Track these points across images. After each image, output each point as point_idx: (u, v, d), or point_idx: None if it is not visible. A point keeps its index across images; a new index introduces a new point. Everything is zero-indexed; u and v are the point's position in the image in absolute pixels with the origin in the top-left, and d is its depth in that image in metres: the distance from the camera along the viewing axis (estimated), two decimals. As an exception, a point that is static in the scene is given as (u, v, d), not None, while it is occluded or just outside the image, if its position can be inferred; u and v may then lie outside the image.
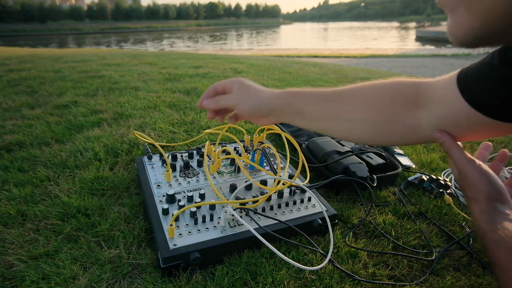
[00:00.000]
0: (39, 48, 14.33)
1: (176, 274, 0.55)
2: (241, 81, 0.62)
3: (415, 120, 0.53)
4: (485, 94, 0.45)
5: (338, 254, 0.62)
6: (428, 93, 0.52)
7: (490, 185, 0.50)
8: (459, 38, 0.32)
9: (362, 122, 0.57)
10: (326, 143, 0.94)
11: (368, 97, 0.56)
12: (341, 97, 0.58)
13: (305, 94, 0.59)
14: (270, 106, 0.59)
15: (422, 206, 0.79)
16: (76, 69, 2.24)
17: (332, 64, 3.71)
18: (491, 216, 0.48)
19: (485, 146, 0.61)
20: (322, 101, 0.58)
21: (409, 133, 0.54)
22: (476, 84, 0.46)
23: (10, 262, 0.57)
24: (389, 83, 0.57)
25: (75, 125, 1.19)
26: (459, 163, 0.52)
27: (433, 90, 0.52)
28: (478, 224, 0.49)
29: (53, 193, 0.76)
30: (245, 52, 14.01)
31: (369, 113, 0.56)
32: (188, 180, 0.76)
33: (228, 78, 0.64)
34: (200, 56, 3.45)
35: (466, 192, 0.53)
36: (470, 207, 0.52)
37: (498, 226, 0.46)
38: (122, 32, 50.81)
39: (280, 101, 0.59)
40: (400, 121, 0.54)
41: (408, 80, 0.55)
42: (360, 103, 0.56)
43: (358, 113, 0.56)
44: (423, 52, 13.15)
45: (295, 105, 0.59)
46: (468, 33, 0.31)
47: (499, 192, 0.50)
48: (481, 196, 0.50)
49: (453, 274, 0.59)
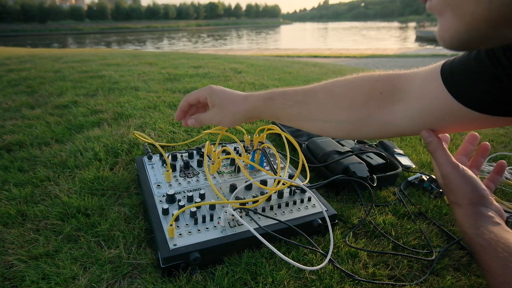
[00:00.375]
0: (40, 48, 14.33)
1: (176, 274, 0.55)
2: (213, 92, 0.64)
3: (391, 115, 0.52)
4: (475, 90, 0.44)
5: (338, 254, 0.62)
6: (405, 87, 0.52)
7: (473, 190, 0.50)
8: (446, 41, 0.33)
9: (337, 122, 0.57)
10: (326, 143, 0.94)
11: (342, 96, 0.56)
12: (315, 99, 0.58)
13: (280, 99, 0.60)
14: (248, 115, 0.62)
15: (422, 206, 0.79)
16: (76, 69, 2.24)
17: (332, 64, 3.71)
18: (475, 221, 0.48)
19: (470, 139, 0.60)
20: (296, 105, 0.59)
21: (385, 127, 0.54)
22: (464, 80, 0.45)
23: (10, 262, 0.57)
24: (363, 79, 0.56)
25: (75, 125, 1.19)
26: (443, 168, 0.51)
27: (410, 83, 0.52)
28: (464, 230, 0.49)
29: (53, 193, 0.76)
30: (245, 52, 14.01)
31: (344, 113, 0.56)
32: (188, 180, 0.76)
33: (228, 78, 0.65)
34: (200, 56, 3.45)
35: (449, 197, 0.53)
36: (454, 212, 0.52)
37: (484, 230, 0.46)
38: (122, 32, 50.84)
39: (256, 110, 0.62)
40: (375, 118, 0.54)
41: (382, 74, 0.55)
42: (334, 104, 0.56)
43: (333, 113, 0.56)
44: (423, 52, 13.14)
45: (270, 111, 0.61)
46: (454, 36, 0.31)
47: (481, 196, 0.50)
48: (464, 201, 0.50)
49: (453, 274, 0.59)
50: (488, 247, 0.44)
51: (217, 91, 0.64)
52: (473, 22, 0.29)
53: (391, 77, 0.54)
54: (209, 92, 0.64)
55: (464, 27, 0.30)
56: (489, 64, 0.42)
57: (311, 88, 0.59)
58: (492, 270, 0.43)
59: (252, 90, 1.74)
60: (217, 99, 0.63)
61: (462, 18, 0.29)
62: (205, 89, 0.65)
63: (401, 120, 0.52)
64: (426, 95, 0.49)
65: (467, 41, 0.31)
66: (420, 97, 0.50)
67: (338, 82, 0.58)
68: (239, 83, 1.92)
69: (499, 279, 0.42)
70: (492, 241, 0.44)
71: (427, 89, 0.49)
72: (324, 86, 0.58)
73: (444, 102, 0.47)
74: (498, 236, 0.45)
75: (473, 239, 0.47)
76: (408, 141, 1.18)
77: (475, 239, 0.47)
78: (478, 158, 0.59)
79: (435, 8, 0.32)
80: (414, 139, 1.20)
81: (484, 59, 0.43)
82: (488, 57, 0.42)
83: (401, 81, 0.53)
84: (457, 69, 0.46)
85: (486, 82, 0.43)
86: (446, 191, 0.53)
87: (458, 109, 0.46)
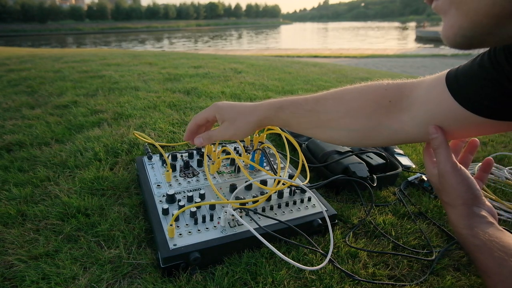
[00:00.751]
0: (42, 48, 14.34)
1: (176, 274, 0.55)
2: (222, 109, 0.64)
3: (400, 124, 0.53)
4: (479, 96, 0.45)
5: (338, 254, 0.62)
6: (412, 95, 0.52)
7: (467, 190, 0.50)
8: (451, 39, 0.33)
9: (347, 130, 0.57)
10: (326, 143, 0.94)
11: (352, 105, 0.56)
12: (325, 107, 0.58)
13: (291, 108, 0.60)
14: (260, 124, 0.62)
15: (422, 206, 0.79)
16: (76, 69, 2.24)
17: (332, 64, 3.71)
18: (469, 221, 0.48)
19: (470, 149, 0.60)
20: (307, 113, 0.59)
21: (394, 135, 0.55)
22: (468, 86, 0.46)
23: (10, 262, 0.57)
24: (373, 88, 0.56)
25: (75, 125, 1.19)
26: (442, 166, 0.52)
27: (417, 91, 0.52)
28: (458, 230, 0.50)
29: (53, 193, 0.76)
30: (245, 52, 14.01)
31: (354, 121, 0.56)
32: (188, 180, 0.76)
33: (228, 78, 0.65)
34: (200, 56, 3.45)
35: (442, 196, 0.53)
36: (447, 213, 0.53)
37: (478, 231, 0.47)
38: (122, 32, 50.84)
39: (267, 120, 0.62)
40: (385, 126, 0.54)
41: (391, 83, 0.55)
42: (344, 112, 0.56)
43: (343, 122, 0.57)
44: (423, 52, 13.16)
45: (281, 120, 0.61)
46: (458, 33, 0.32)
47: (475, 197, 0.50)
48: (457, 202, 0.50)
49: (453, 274, 0.59)
50: (483, 247, 0.45)
51: (225, 106, 0.64)
52: (477, 18, 0.29)
53: (399, 85, 0.54)
54: (217, 109, 0.64)
55: (468, 23, 0.30)
56: (492, 69, 0.43)
57: (321, 96, 0.59)
58: (488, 269, 0.44)
59: (252, 90, 1.74)
60: (227, 114, 0.63)
61: (466, 14, 0.30)
62: (212, 107, 0.65)
63: (409, 128, 0.52)
64: (431, 100, 0.50)
65: (470, 37, 0.32)
66: (426, 102, 0.50)
67: (348, 90, 0.58)
68: (239, 83, 1.92)
69: (495, 278, 0.43)
70: (488, 242, 0.45)
71: (432, 94, 0.50)
72: (334, 94, 0.59)
73: (448, 108, 0.47)
74: (492, 236, 0.45)
75: (468, 240, 0.47)
76: (408, 141, 1.18)
77: (470, 240, 0.47)
78: (466, 155, 0.59)
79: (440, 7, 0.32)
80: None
81: (487, 65, 0.43)
82: (491, 63, 0.43)
83: (408, 88, 0.53)
84: (462, 75, 0.47)
85: (489, 87, 0.43)
86: (440, 190, 0.54)
87: (462, 114, 0.47)
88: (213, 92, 1.66)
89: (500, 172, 0.91)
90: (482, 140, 1.24)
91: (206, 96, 1.59)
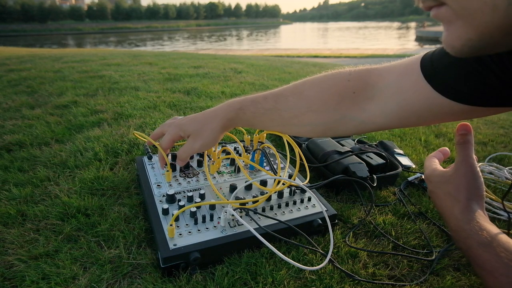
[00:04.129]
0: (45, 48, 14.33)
1: (176, 274, 0.55)
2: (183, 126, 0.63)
3: (366, 114, 0.52)
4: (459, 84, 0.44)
5: (338, 254, 0.62)
6: (379, 84, 0.51)
7: (479, 188, 0.51)
8: (457, 49, 0.32)
9: (311, 125, 0.56)
10: (326, 143, 0.94)
11: (314, 99, 0.55)
12: (285, 104, 0.57)
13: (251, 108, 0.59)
14: (225, 127, 0.62)
15: (422, 206, 0.79)
16: (76, 69, 2.24)
17: (332, 64, 3.71)
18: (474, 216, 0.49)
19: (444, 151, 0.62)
20: (268, 112, 0.58)
21: (362, 125, 0.54)
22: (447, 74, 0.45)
23: (10, 262, 0.57)
24: (334, 79, 0.55)
25: (75, 125, 1.19)
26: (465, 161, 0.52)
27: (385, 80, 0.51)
28: (460, 225, 0.49)
29: (53, 193, 0.76)
30: (245, 52, 14.00)
31: (317, 116, 0.55)
32: (188, 180, 0.76)
33: (228, 78, 0.65)
34: (200, 56, 3.45)
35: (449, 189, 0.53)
36: (450, 207, 0.52)
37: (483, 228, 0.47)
38: (122, 32, 50.83)
39: (231, 122, 0.61)
40: (350, 117, 0.53)
41: (353, 71, 0.54)
42: (306, 108, 0.55)
43: (306, 117, 0.56)
44: (423, 51, 13.13)
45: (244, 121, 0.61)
46: (466, 44, 0.31)
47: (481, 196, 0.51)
48: (466, 196, 0.50)
49: (453, 274, 0.59)
50: (489, 245, 0.45)
51: (186, 122, 0.63)
52: (487, 31, 0.29)
53: (362, 74, 0.53)
54: (179, 128, 0.63)
55: (477, 36, 0.30)
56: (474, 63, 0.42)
57: (281, 92, 0.58)
58: (494, 269, 0.43)
59: (252, 90, 1.74)
60: (190, 128, 0.62)
61: (476, 28, 0.29)
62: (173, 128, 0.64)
63: (377, 117, 0.52)
64: (404, 89, 0.48)
65: (479, 48, 0.31)
66: (398, 92, 0.49)
67: (307, 83, 0.57)
68: (239, 83, 1.92)
69: (502, 280, 0.42)
70: (493, 240, 0.44)
71: (406, 83, 0.48)
72: (294, 89, 0.57)
73: (426, 96, 0.47)
74: (497, 235, 0.45)
75: (472, 236, 0.47)
76: (408, 141, 1.18)
77: (475, 237, 0.47)
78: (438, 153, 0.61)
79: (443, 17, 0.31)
80: (414, 139, 1.20)
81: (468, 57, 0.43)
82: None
83: (373, 77, 0.52)
84: (439, 62, 0.46)
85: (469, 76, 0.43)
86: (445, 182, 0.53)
87: (440, 102, 0.46)
88: (213, 92, 1.66)
89: (500, 172, 0.91)
90: (482, 140, 1.24)
91: (206, 96, 1.59)
